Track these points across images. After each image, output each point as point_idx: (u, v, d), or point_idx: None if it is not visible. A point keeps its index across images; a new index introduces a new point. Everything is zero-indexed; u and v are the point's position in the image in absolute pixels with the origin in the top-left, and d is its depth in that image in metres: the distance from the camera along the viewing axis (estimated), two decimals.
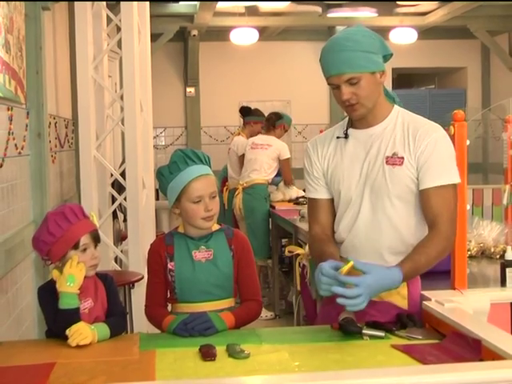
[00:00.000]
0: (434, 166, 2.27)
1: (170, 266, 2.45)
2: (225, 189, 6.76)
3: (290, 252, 4.08)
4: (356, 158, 2.37)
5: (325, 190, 2.45)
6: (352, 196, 2.36)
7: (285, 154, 6.41)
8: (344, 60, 2.25)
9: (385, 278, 2.14)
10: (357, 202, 2.35)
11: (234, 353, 2.05)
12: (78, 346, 2.17)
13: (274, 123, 6.51)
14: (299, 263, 3.84)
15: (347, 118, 2.44)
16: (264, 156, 6.36)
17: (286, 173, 6.50)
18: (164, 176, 2.46)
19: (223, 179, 6.93)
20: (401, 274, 2.16)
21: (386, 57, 2.35)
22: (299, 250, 3.91)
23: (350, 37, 2.28)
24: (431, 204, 2.27)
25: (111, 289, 2.43)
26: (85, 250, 2.33)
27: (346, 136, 2.40)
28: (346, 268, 2.09)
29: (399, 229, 2.33)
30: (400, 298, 2.36)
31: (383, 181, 2.31)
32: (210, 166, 2.49)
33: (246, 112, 6.92)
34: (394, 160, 2.30)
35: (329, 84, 2.31)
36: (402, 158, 2.30)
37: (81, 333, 2.18)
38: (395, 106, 2.40)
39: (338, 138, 2.42)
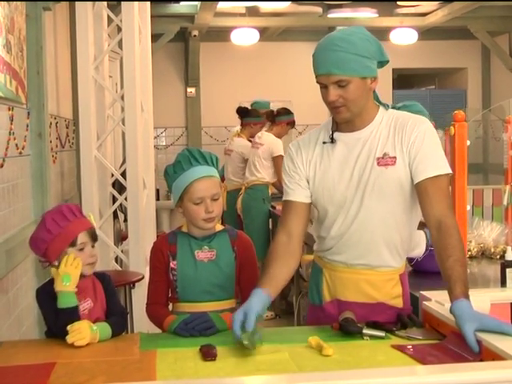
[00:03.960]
0: (427, 157, 2.23)
1: (172, 265, 2.45)
2: (223, 190, 6.66)
3: None
4: (346, 163, 2.30)
5: (303, 192, 2.36)
6: (345, 201, 2.29)
7: (276, 151, 6.14)
8: (334, 61, 2.18)
9: (468, 315, 2.00)
10: (350, 207, 2.29)
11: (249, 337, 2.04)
12: (79, 346, 2.17)
13: (274, 119, 6.38)
14: None
15: (331, 121, 2.36)
16: (255, 156, 6.24)
17: (277, 171, 6.10)
18: (169, 175, 2.48)
19: (221, 179, 6.82)
20: (463, 300, 2.03)
21: (382, 63, 2.28)
22: None
23: (345, 37, 2.21)
24: (430, 196, 2.20)
25: (109, 288, 2.42)
26: (82, 248, 2.33)
27: (333, 141, 2.32)
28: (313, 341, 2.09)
29: (393, 227, 2.30)
30: (393, 297, 2.36)
31: (376, 183, 2.25)
32: (216, 167, 2.48)
33: (244, 113, 6.72)
34: (386, 160, 2.25)
35: (317, 82, 2.24)
36: (395, 157, 2.25)
37: (80, 332, 2.18)
38: (380, 108, 2.33)
39: (324, 143, 2.34)
